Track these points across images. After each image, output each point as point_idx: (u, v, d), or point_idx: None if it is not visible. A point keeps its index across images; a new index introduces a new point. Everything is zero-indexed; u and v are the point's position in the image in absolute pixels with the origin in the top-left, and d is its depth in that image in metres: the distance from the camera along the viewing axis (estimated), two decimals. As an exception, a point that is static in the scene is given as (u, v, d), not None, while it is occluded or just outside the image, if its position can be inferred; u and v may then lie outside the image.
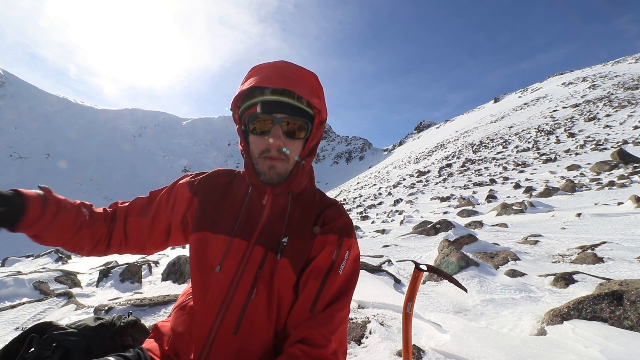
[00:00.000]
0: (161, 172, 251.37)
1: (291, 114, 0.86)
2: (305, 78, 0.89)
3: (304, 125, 0.89)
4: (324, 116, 0.92)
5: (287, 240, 0.89)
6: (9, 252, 22.94)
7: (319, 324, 0.81)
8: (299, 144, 0.90)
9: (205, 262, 0.89)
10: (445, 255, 3.55)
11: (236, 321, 0.83)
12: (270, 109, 0.85)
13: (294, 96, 0.87)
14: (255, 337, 0.84)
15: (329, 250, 0.89)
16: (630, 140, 18.07)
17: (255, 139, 0.88)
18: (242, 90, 0.86)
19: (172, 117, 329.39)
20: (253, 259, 0.87)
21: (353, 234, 0.95)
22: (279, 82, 0.83)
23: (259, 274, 0.86)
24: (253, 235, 0.90)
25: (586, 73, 75.39)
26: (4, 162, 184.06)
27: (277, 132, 0.85)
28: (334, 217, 0.95)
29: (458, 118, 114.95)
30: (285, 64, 0.89)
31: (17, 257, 6.66)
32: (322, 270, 0.88)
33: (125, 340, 1.00)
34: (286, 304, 0.87)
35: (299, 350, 0.77)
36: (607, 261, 3.39)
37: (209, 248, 0.90)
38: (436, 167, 32.17)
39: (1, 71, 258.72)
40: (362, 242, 6.86)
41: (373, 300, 2.54)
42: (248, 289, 0.84)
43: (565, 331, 1.76)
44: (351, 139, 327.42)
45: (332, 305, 0.84)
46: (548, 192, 10.55)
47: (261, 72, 0.87)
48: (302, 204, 0.97)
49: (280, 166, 0.88)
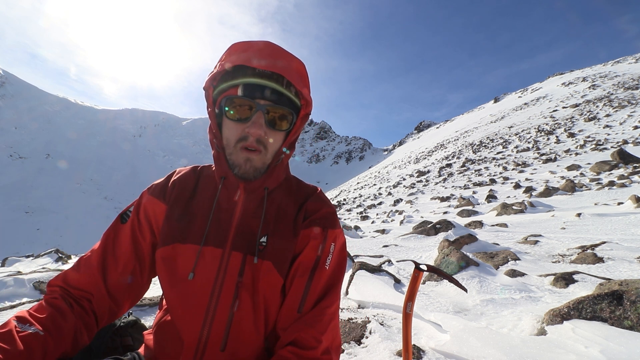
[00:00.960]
0: (161, 172, 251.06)
1: (276, 101, 0.77)
2: (294, 64, 0.79)
3: (289, 115, 0.80)
4: (309, 109, 0.84)
5: (266, 240, 0.82)
6: (9, 252, 22.90)
7: (308, 325, 0.77)
8: (280, 136, 0.81)
9: (176, 274, 0.80)
10: (445, 255, 3.54)
11: (222, 338, 0.77)
12: (254, 93, 0.75)
13: (282, 82, 0.77)
14: (245, 349, 0.80)
15: (313, 245, 0.83)
16: (630, 140, 18.06)
17: (231, 125, 0.78)
18: (223, 68, 0.76)
19: (172, 117, 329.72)
20: (231, 266, 0.79)
21: (337, 223, 0.89)
22: (269, 64, 0.73)
23: (240, 282, 0.78)
24: (227, 240, 0.81)
25: (586, 73, 75.36)
26: (4, 162, 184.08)
27: (259, 120, 0.75)
28: (315, 208, 0.88)
29: (458, 118, 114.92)
30: (273, 45, 0.79)
31: (17, 257, 6.66)
32: (307, 267, 0.82)
33: (125, 340, 0.99)
34: (274, 309, 0.82)
35: (289, 352, 0.73)
36: (607, 261, 3.39)
37: (179, 260, 0.81)
38: (436, 167, 32.15)
39: (1, 71, 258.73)
40: (362, 242, 6.86)
41: (373, 300, 2.54)
42: (230, 301, 0.78)
43: (565, 331, 1.75)
44: (351, 139, 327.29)
45: (321, 302, 0.80)
46: (548, 192, 10.55)
47: (246, 50, 0.76)
48: (279, 198, 0.89)
49: (257, 159, 0.79)
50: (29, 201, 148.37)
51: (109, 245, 0.85)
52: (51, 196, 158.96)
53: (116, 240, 0.85)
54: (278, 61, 0.76)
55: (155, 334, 0.86)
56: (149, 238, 0.87)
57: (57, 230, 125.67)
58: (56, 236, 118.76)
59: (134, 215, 0.88)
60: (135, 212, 0.88)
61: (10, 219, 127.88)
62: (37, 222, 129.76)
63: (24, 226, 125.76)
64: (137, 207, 0.89)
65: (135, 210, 0.88)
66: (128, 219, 0.87)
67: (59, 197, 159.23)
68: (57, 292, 0.79)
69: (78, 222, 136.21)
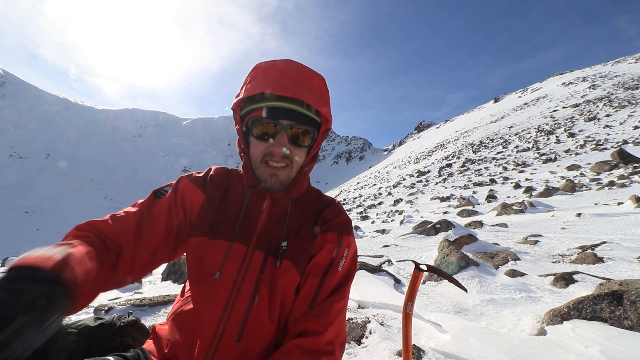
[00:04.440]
0: (161, 172, 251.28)
1: (298, 121, 0.84)
2: (315, 83, 0.86)
3: (310, 132, 0.87)
4: (329, 125, 0.91)
5: (286, 245, 0.88)
6: (9, 252, 22.86)
7: (316, 316, 0.82)
8: (303, 151, 0.89)
9: (204, 269, 0.85)
10: (445, 255, 3.54)
11: (238, 329, 0.81)
12: (277, 114, 0.82)
13: (303, 104, 0.84)
14: (258, 342, 0.84)
15: (329, 248, 0.90)
16: (630, 140, 18.06)
17: (257, 142, 0.86)
18: (249, 94, 0.83)
19: (172, 117, 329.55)
20: (253, 263, 0.85)
21: (351, 232, 0.97)
22: (289, 90, 0.80)
23: (260, 279, 0.84)
24: (251, 239, 0.88)
25: (586, 73, 75.38)
26: (4, 162, 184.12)
27: (282, 139, 0.83)
28: (333, 215, 0.96)
29: (458, 118, 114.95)
30: (294, 66, 0.85)
31: (17, 257, 6.67)
32: (322, 267, 0.88)
33: (125, 340, 1.00)
34: (289, 305, 0.87)
35: (293, 345, 0.77)
36: (607, 261, 3.39)
37: (208, 254, 0.86)
38: (436, 167, 32.15)
39: (1, 71, 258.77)
40: (362, 242, 6.85)
41: (373, 300, 2.55)
42: (250, 295, 0.83)
43: (565, 331, 1.75)
44: (351, 139, 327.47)
45: (330, 297, 0.86)
46: (548, 192, 10.55)
47: (269, 74, 0.83)
48: (301, 206, 0.96)
49: (282, 174, 0.87)
50: (29, 201, 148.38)
51: (144, 212, 0.88)
52: (51, 196, 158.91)
53: (151, 210, 0.88)
54: (300, 84, 0.82)
55: (174, 321, 0.90)
56: (182, 218, 0.91)
57: (57, 230, 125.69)
58: (56, 236, 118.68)
59: (172, 194, 0.92)
60: (174, 191, 0.92)
61: (10, 219, 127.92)
62: (37, 222, 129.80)
63: (24, 226, 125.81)
64: (175, 188, 0.93)
65: (174, 189, 0.93)
66: (164, 196, 0.91)
67: (59, 197, 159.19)
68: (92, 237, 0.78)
69: (78, 222, 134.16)
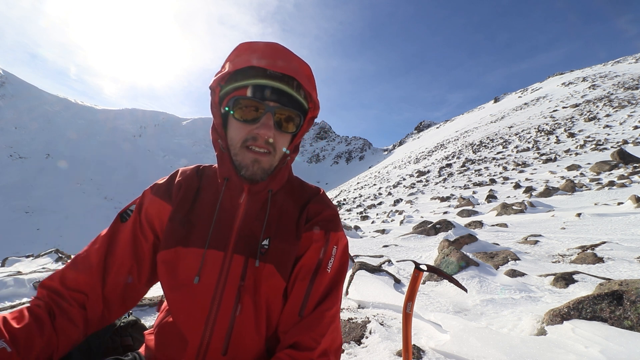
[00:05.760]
0: (161, 172, 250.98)
1: (286, 104, 0.76)
2: (303, 66, 0.79)
3: (296, 118, 0.79)
4: (317, 112, 0.84)
5: (268, 243, 0.81)
6: (9, 252, 22.92)
7: (308, 328, 0.77)
8: (287, 138, 0.81)
9: (177, 279, 0.79)
10: (445, 255, 3.54)
11: (224, 341, 0.77)
12: (264, 94, 0.74)
13: (292, 84, 0.77)
14: (247, 352, 0.79)
15: (315, 247, 0.83)
16: (630, 140, 18.05)
17: (238, 125, 0.77)
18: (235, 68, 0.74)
19: (172, 117, 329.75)
20: (233, 270, 0.78)
21: (339, 226, 0.89)
22: (280, 66, 0.73)
23: (242, 286, 0.78)
24: (228, 242, 0.80)
25: (586, 73, 75.34)
26: (4, 162, 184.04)
27: (268, 122, 0.75)
28: (317, 210, 0.87)
29: (458, 118, 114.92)
30: (281, 47, 0.78)
31: (17, 257, 6.65)
32: (309, 269, 0.82)
33: (125, 340, 0.99)
34: (276, 312, 0.81)
35: (286, 355, 0.74)
36: (607, 261, 3.39)
37: (181, 263, 0.79)
38: (436, 167, 32.14)
39: (1, 71, 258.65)
40: (362, 242, 6.86)
41: (373, 300, 2.55)
42: (232, 305, 0.77)
43: (565, 331, 1.75)
44: (351, 139, 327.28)
45: (321, 305, 0.80)
46: (548, 192, 10.55)
47: (255, 50, 0.75)
48: (282, 200, 0.88)
49: (265, 161, 0.78)
50: (29, 201, 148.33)
51: (108, 244, 0.83)
52: (51, 196, 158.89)
53: (116, 239, 0.83)
54: (288, 63, 0.75)
55: (157, 335, 0.85)
56: (151, 239, 0.85)
57: (57, 230, 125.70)
58: (56, 236, 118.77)
59: (136, 215, 0.85)
60: (137, 211, 0.85)
61: (10, 219, 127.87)
62: (37, 222, 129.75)
63: (24, 226, 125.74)
64: (139, 207, 0.86)
65: (137, 209, 0.86)
66: (129, 218, 0.85)
67: (59, 197, 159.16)
68: (45, 298, 0.75)
69: (78, 222, 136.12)
